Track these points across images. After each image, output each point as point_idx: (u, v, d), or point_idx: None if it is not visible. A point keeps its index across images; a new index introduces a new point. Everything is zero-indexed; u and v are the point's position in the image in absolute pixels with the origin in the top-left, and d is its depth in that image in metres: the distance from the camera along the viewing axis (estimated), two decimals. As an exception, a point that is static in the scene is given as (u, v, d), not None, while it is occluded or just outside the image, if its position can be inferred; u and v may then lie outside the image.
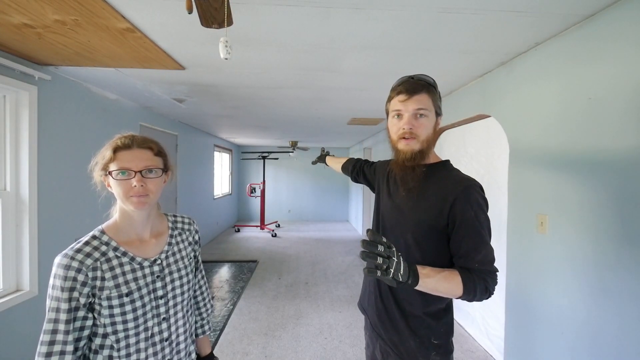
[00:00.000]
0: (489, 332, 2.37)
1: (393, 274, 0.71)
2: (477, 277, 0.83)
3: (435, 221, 0.89)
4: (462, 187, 0.87)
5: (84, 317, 0.73)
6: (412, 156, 0.91)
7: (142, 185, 0.77)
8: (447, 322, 0.95)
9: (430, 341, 0.93)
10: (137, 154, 0.79)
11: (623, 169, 1.24)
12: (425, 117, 0.90)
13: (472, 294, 0.82)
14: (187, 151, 4.75)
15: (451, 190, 0.88)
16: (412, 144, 0.91)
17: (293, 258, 4.93)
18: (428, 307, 0.93)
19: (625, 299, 1.24)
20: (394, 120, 0.95)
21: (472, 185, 0.88)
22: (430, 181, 0.94)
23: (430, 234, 0.90)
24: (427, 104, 0.90)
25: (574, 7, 1.30)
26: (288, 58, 1.91)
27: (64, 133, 2.28)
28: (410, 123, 0.90)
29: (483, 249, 0.84)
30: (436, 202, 0.89)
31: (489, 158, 2.44)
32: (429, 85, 0.92)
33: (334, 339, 2.56)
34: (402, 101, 0.91)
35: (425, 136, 0.91)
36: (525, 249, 1.77)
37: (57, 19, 1.39)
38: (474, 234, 0.85)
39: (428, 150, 0.94)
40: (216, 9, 1.00)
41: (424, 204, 0.92)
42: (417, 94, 0.89)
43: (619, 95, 1.25)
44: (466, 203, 0.85)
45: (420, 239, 0.91)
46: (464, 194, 0.86)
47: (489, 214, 0.89)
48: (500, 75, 2.00)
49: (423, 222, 0.91)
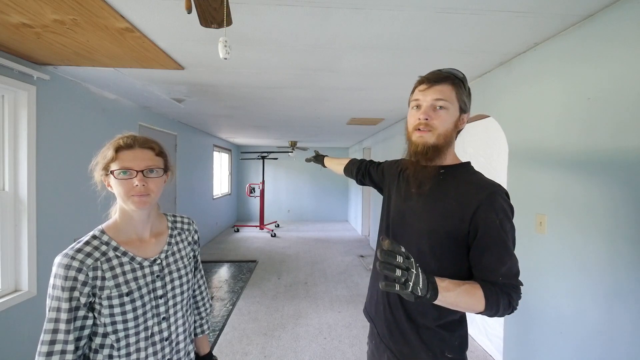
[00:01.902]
0: (488, 332, 2.37)
1: (412, 287, 0.63)
2: (501, 291, 0.76)
3: (454, 228, 0.81)
4: (486, 193, 0.79)
5: (84, 316, 0.73)
6: (424, 149, 0.83)
7: (144, 184, 0.78)
8: (461, 334, 0.88)
9: (444, 355, 0.85)
10: (138, 153, 0.79)
11: (622, 169, 1.24)
12: (445, 109, 0.82)
13: (494, 309, 0.75)
14: (186, 151, 4.74)
15: (474, 195, 0.80)
16: (427, 137, 0.83)
17: (292, 258, 4.93)
18: (441, 319, 0.86)
19: (623, 299, 1.25)
20: (412, 112, 0.87)
21: (498, 192, 0.80)
22: (449, 184, 0.86)
23: (448, 242, 0.82)
24: (449, 95, 0.82)
25: (572, 8, 1.30)
26: (287, 58, 1.92)
27: (62, 133, 2.27)
28: (427, 114, 0.82)
29: (508, 261, 0.77)
30: (457, 208, 0.81)
31: (488, 158, 2.45)
32: (454, 77, 0.84)
33: (334, 339, 2.56)
34: (422, 90, 0.84)
35: (442, 130, 0.82)
36: (524, 249, 1.77)
37: (56, 18, 1.39)
38: (498, 245, 0.77)
39: (445, 148, 0.85)
40: (215, 8, 1.00)
41: (442, 209, 0.84)
42: (439, 84, 0.82)
43: (618, 96, 1.26)
44: (491, 210, 0.77)
45: (436, 247, 0.83)
46: (489, 201, 0.78)
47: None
48: (499, 76, 2.00)
49: (440, 228, 0.83)
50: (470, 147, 2.70)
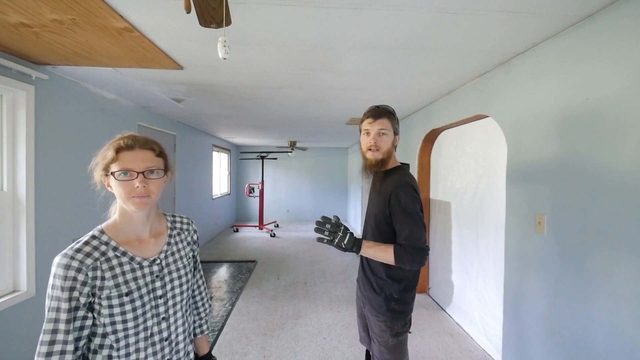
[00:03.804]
0: (488, 332, 2.38)
1: (337, 242, 1.14)
2: (405, 250, 1.14)
3: (384, 212, 1.24)
4: (396, 184, 1.21)
5: (83, 316, 0.73)
6: (376, 162, 1.27)
7: (145, 186, 0.78)
8: (406, 284, 1.27)
9: (392, 295, 1.26)
10: (139, 155, 0.79)
11: (621, 169, 1.25)
12: (386, 134, 1.25)
13: (401, 262, 1.14)
14: (185, 151, 4.74)
15: (390, 189, 1.22)
16: (376, 154, 1.26)
17: (292, 258, 4.93)
18: (389, 272, 1.26)
19: (622, 299, 1.25)
20: (364, 137, 1.29)
21: (403, 182, 1.21)
22: (386, 181, 1.29)
23: (382, 221, 1.25)
24: (388, 125, 1.25)
25: (572, 8, 1.31)
26: (286, 58, 1.91)
27: (61, 133, 2.27)
28: (375, 139, 1.25)
29: (406, 229, 1.15)
30: (385, 196, 1.24)
31: (487, 158, 2.45)
32: (389, 113, 1.26)
33: (333, 339, 2.56)
34: (370, 123, 1.26)
35: (385, 148, 1.26)
36: (523, 249, 1.77)
37: (55, 18, 1.39)
38: (401, 218, 1.17)
39: (388, 159, 1.29)
40: (214, 8, 1.00)
41: (380, 199, 1.27)
42: (381, 118, 1.24)
43: (617, 96, 1.26)
44: (396, 197, 1.19)
45: (380, 224, 1.27)
46: (394, 192, 1.20)
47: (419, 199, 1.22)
48: (498, 76, 2.01)
49: (379, 212, 1.27)
50: (470, 146, 2.70)
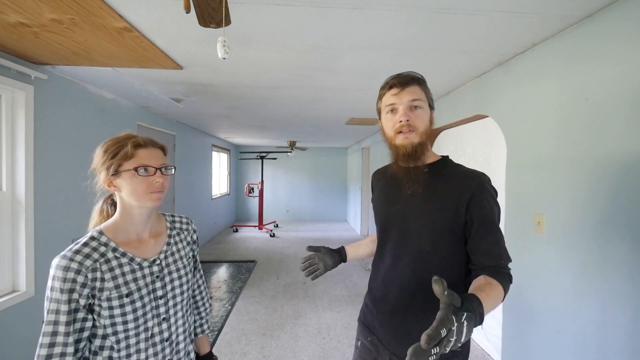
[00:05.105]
0: (487, 332, 2.38)
1: (464, 339, 0.55)
2: (504, 274, 0.79)
3: (452, 222, 0.83)
4: (475, 183, 0.83)
5: (83, 318, 0.73)
6: (413, 149, 0.85)
7: (162, 181, 0.81)
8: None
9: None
10: (153, 152, 0.82)
11: (621, 168, 1.25)
12: (421, 108, 0.86)
13: (506, 293, 0.77)
14: (185, 151, 4.73)
15: (464, 187, 0.83)
16: (412, 137, 0.85)
17: (291, 258, 4.93)
18: None
19: (620, 299, 1.25)
20: (389, 116, 0.89)
21: (485, 180, 0.85)
22: (437, 181, 0.88)
23: (449, 237, 0.84)
24: (421, 95, 0.87)
25: (571, 8, 1.31)
26: (286, 58, 1.91)
27: (60, 133, 2.26)
28: (407, 115, 0.85)
29: (497, 246, 0.81)
30: (450, 202, 0.84)
31: (487, 158, 2.46)
32: (419, 79, 0.89)
33: (332, 339, 2.56)
34: (396, 94, 0.86)
35: (423, 128, 0.86)
36: (523, 249, 1.78)
37: (54, 18, 1.38)
38: (493, 230, 0.82)
39: (428, 145, 0.89)
40: (214, 8, 1.00)
41: (437, 206, 0.85)
42: (409, 85, 0.86)
43: (616, 96, 1.26)
44: (483, 199, 0.82)
45: (438, 243, 0.85)
46: (479, 190, 0.82)
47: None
48: (497, 76, 2.01)
49: (440, 224, 0.85)
50: (469, 146, 2.70)
